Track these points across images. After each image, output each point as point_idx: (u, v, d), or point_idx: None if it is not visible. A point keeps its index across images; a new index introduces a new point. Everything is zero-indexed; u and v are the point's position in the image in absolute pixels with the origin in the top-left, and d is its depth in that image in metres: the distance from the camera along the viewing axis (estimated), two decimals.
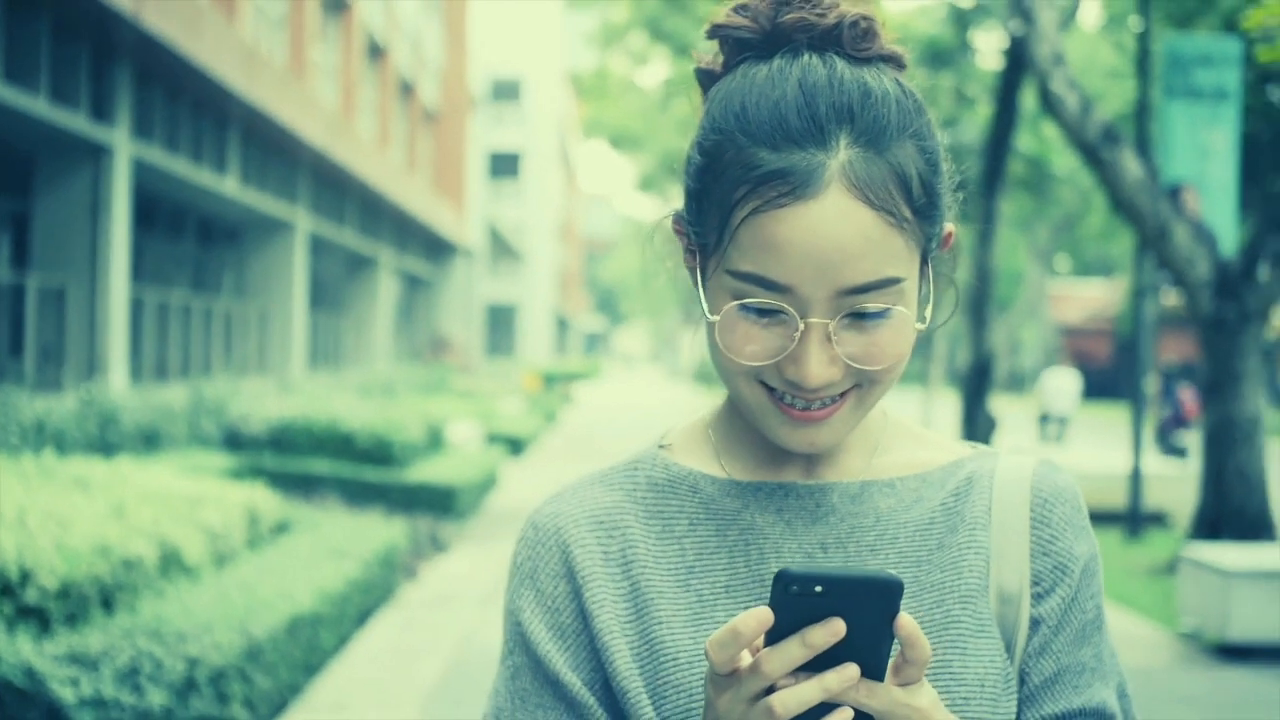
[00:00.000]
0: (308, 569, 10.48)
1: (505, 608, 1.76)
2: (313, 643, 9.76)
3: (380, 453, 17.95)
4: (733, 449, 1.76)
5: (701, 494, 1.74)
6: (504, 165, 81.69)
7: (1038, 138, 34.00)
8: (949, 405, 30.04)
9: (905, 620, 1.37)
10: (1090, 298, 72.33)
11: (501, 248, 75.32)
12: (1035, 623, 1.71)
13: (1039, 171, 38.69)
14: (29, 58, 17.01)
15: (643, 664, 1.66)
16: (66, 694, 7.22)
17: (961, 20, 33.87)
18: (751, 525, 1.70)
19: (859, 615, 1.35)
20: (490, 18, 73.89)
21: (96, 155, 19.16)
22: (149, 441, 16.28)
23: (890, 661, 1.41)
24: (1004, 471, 1.77)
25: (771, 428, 1.62)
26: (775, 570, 1.61)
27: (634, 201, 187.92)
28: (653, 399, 67.51)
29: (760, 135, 1.54)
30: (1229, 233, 16.83)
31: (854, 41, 1.61)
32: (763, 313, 1.55)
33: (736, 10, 1.66)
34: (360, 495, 17.02)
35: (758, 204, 1.52)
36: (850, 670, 1.37)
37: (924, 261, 1.62)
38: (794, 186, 1.51)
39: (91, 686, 7.31)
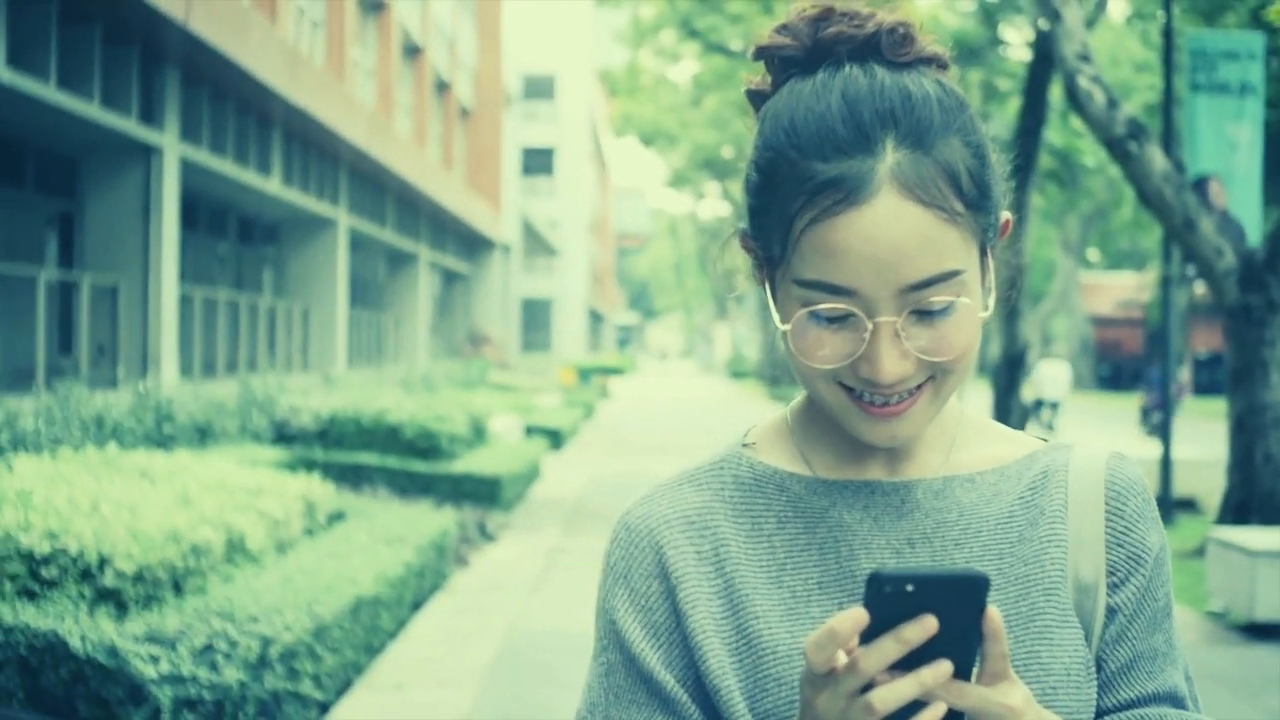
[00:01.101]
0: (366, 555, 10.88)
1: (599, 606, 1.80)
2: (373, 624, 10.17)
3: (426, 445, 18.29)
4: (815, 446, 1.80)
5: (788, 492, 1.77)
6: (537, 161, 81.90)
7: (1067, 130, 34.20)
8: (981, 397, 30.28)
9: (994, 614, 1.42)
10: (1121, 288, 72.31)
11: (536, 243, 75.54)
12: (1111, 611, 1.75)
13: (1068, 164, 38.88)
14: (82, 63, 17.45)
15: (740, 659, 1.69)
16: (148, 670, 7.62)
17: (990, 15, 34.11)
18: (840, 523, 1.74)
19: (948, 612, 1.39)
20: (523, 15, 74.10)
21: (146, 156, 19.57)
22: (202, 435, 16.64)
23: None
24: (1078, 464, 1.80)
25: (854, 425, 1.66)
26: (866, 566, 1.71)
27: (666, 196, 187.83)
28: (687, 393, 67.67)
29: (810, 148, 1.59)
30: (1254, 224, 17.08)
31: (893, 48, 1.66)
32: (832, 318, 1.60)
33: (778, 31, 1.72)
34: (408, 486, 17.39)
35: (815, 214, 1.57)
36: (944, 666, 1.40)
37: (983, 252, 1.66)
38: (847, 193, 1.55)
39: (170, 664, 7.72)
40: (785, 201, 1.61)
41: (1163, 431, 19.21)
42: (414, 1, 40.37)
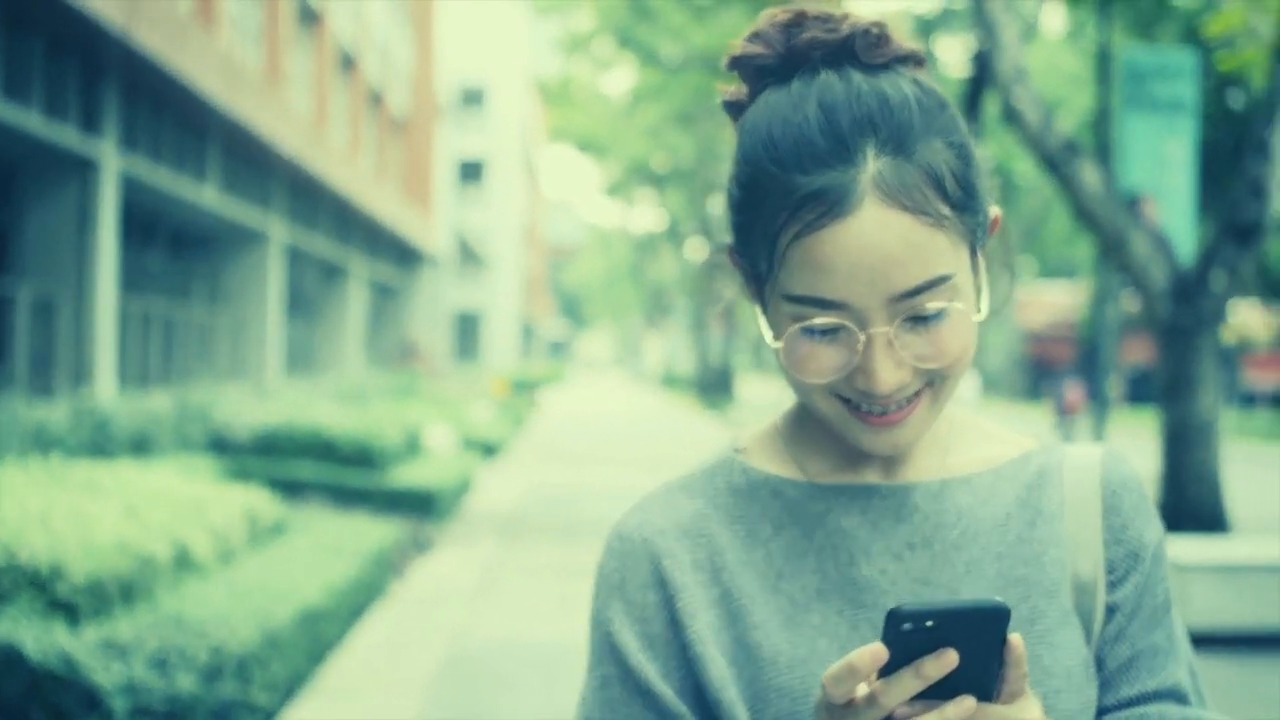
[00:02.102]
0: (310, 566, 11.01)
1: (592, 618, 1.77)
2: (319, 634, 10.29)
3: (362, 457, 18.37)
4: (809, 452, 1.79)
5: (784, 498, 1.75)
6: (470, 172, 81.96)
7: (1000, 145, 34.57)
8: None
9: (1017, 642, 1.41)
10: (1054, 302, 72.92)
11: (468, 254, 75.66)
12: (1111, 609, 1.74)
13: (1003, 178, 39.28)
14: (22, 74, 17.46)
15: (740, 669, 1.67)
16: (103, 679, 7.73)
17: (926, 30, 34.44)
18: (838, 528, 1.72)
19: (969, 643, 1.38)
20: (456, 24, 74.18)
21: (85, 168, 19.57)
22: (139, 447, 16.68)
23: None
24: (1072, 462, 1.80)
25: (854, 435, 1.65)
26: (865, 571, 1.70)
27: (598, 208, 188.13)
28: (619, 404, 67.91)
29: (790, 162, 1.57)
30: (1187, 240, 17.37)
31: (868, 50, 1.63)
32: (824, 331, 1.58)
33: (750, 39, 1.69)
34: (344, 499, 17.43)
35: (799, 228, 1.55)
36: (968, 702, 1.40)
37: (973, 253, 1.65)
38: (830, 206, 1.53)
39: (124, 672, 7.83)
40: (769, 217, 1.59)
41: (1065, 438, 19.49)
42: (349, 12, 40.40)
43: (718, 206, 65.62)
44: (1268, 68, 15.96)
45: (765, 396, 73.77)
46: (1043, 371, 69.30)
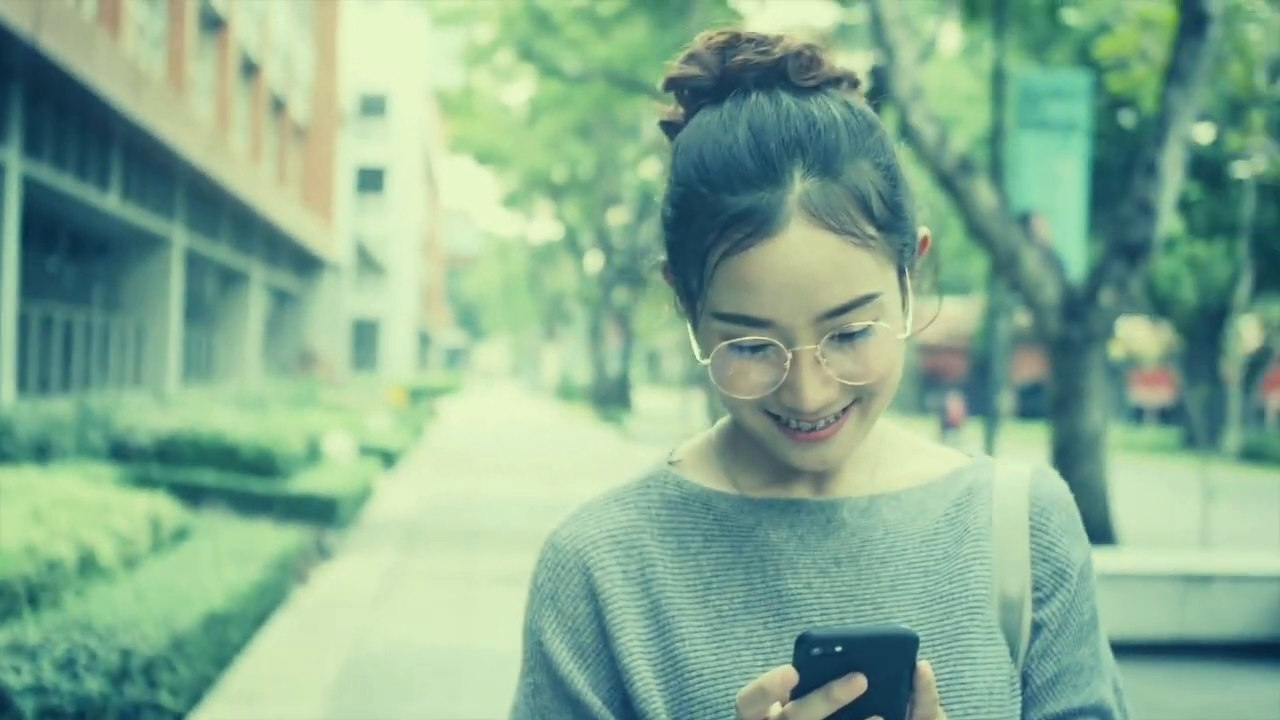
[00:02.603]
0: (214, 571, 11.12)
1: (525, 627, 1.79)
2: (224, 638, 10.42)
3: (264, 464, 18.42)
4: (742, 465, 1.80)
5: (715, 511, 1.77)
6: (370, 180, 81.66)
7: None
8: None
9: (925, 670, 1.44)
10: (947, 316, 73.46)
11: (366, 262, 75.45)
12: (1037, 627, 1.76)
13: None
14: None
15: (667, 680, 1.69)
16: (11, 680, 7.86)
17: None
18: (766, 541, 1.74)
19: (878, 669, 1.41)
20: (358, 33, 74.02)
21: None
22: (41, 452, 16.67)
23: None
24: (1002, 480, 1.81)
25: (782, 451, 1.67)
26: (792, 585, 1.72)
27: (496, 218, 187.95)
28: (516, 414, 67.95)
29: (720, 182, 1.59)
30: (1077, 257, 17.73)
31: (799, 73, 1.65)
32: (752, 349, 1.60)
33: (686, 61, 1.71)
34: (246, 505, 17.38)
35: (727, 248, 1.57)
36: None
37: (901, 272, 1.66)
38: (757, 226, 1.56)
39: (33, 674, 7.95)
40: (698, 236, 1.62)
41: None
42: (252, 19, 40.32)
43: (616, 219, 65.88)
44: (1157, 90, 16.32)
45: (663, 408, 74.06)
46: (932, 384, 69.96)
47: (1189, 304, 50.39)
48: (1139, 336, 60.01)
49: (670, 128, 1.76)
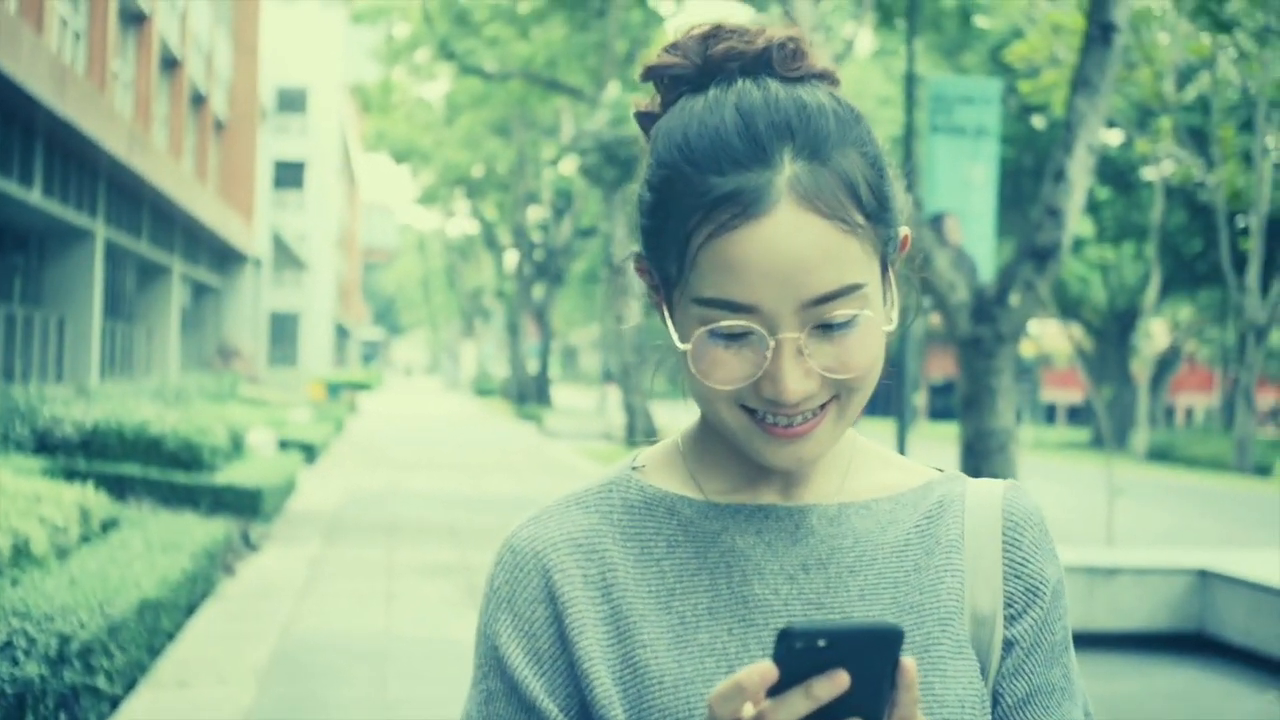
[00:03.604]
0: (145, 561, 11.34)
1: (480, 631, 1.75)
2: (156, 626, 10.66)
3: (188, 456, 18.54)
4: (708, 470, 1.76)
5: (679, 516, 1.73)
6: (288, 175, 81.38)
7: None
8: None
9: (909, 665, 1.38)
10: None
11: (285, 257, 75.24)
12: (1009, 644, 1.72)
13: None
14: None
15: (625, 688, 1.65)
16: None
17: None
18: (732, 547, 1.70)
19: (861, 665, 1.35)
20: (277, 27, 73.82)
21: None
22: None
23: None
24: (974, 495, 1.78)
25: (756, 449, 1.63)
26: (759, 592, 1.67)
27: (415, 212, 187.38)
28: (435, 410, 68.12)
29: (706, 163, 1.55)
30: (988, 259, 18.11)
31: (784, 63, 1.62)
32: (732, 336, 1.55)
33: (667, 50, 1.68)
34: (170, 497, 17.58)
35: (712, 229, 1.53)
36: None
37: (884, 267, 1.63)
38: (745, 207, 1.51)
39: None
40: (681, 218, 1.57)
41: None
42: (173, 14, 40.33)
43: (534, 216, 66.00)
44: (1067, 96, 16.69)
45: (580, 404, 74.30)
46: None
47: (1099, 305, 51.11)
48: (1051, 336, 60.74)
49: (646, 118, 1.73)
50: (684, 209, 1.57)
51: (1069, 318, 51.81)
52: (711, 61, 1.64)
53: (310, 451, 29.96)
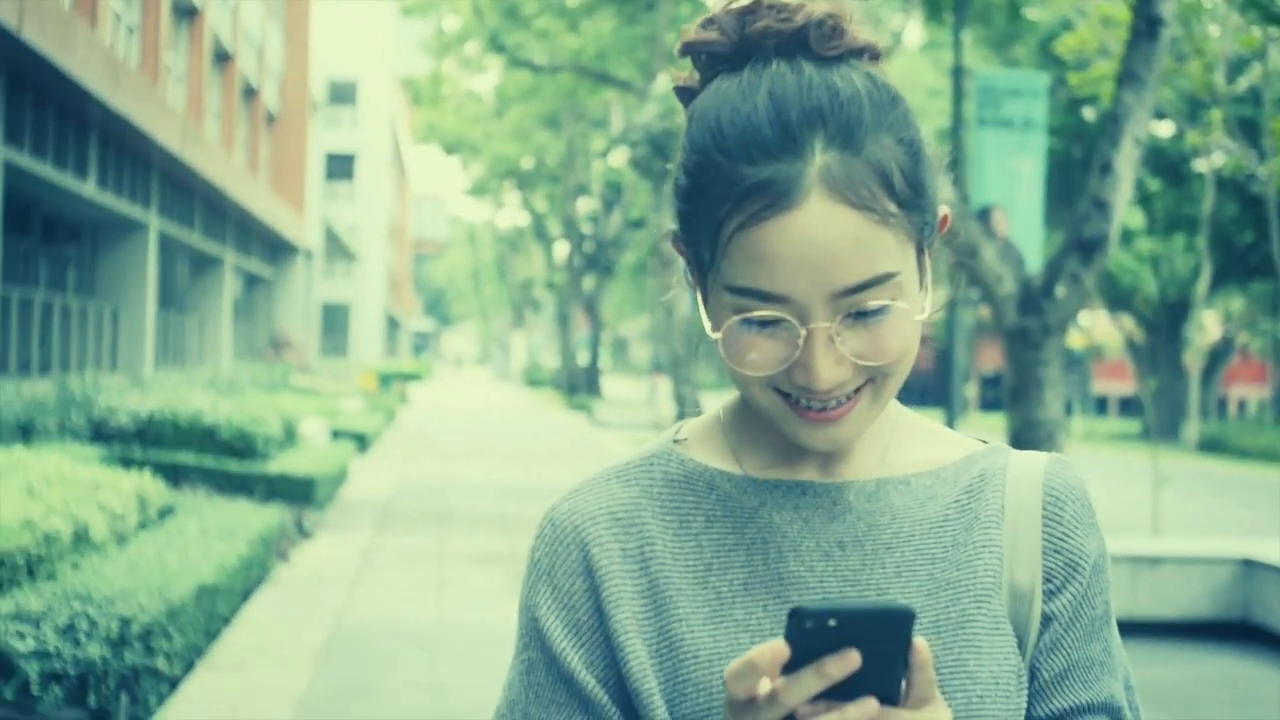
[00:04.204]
0: (202, 547, 11.56)
1: (521, 603, 1.76)
2: (213, 611, 10.87)
3: (243, 445, 18.74)
4: (748, 445, 1.76)
5: (718, 491, 1.73)
6: (339, 166, 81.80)
7: None
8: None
9: (921, 645, 1.38)
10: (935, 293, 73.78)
11: (336, 248, 75.58)
12: (1047, 619, 1.71)
13: None
14: None
15: (662, 660, 1.65)
16: (17, 645, 8.32)
17: None
18: (769, 523, 1.69)
19: (873, 645, 1.36)
20: (328, 20, 74.16)
21: None
22: (24, 433, 17.01)
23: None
24: (1016, 468, 1.77)
25: (792, 430, 1.62)
26: (794, 568, 1.67)
27: (465, 203, 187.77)
28: (485, 400, 68.26)
29: (737, 151, 1.54)
30: (1036, 251, 18.16)
31: (821, 42, 1.59)
32: (764, 324, 1.55)
33: (704, 25, 1.66)
34: (224, 485, 17.83)
35: (742, 219, 1.52)
36: (869, 704, 1.37)
37: (920, 251, 1.61)
38: (775, 198, 1.50)
39: (37, 641, 8.42)
40: (713, 206, 1.56)
41: None
42: (225, 8, 40.61)
43: (584, 208, 66.12)
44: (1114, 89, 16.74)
45: (630, 395, 74.42)
46: None
47: (1151, 297, 50.95)
48: (1103, 328, 60.54)
49: (685, 93, 1.70)
50: (715, 197, 1.56)
51: (1121, 309, 51.68)
52: (748, 39, 1.61)
53: (362, 441, 30.21)
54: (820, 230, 1.49)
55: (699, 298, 1.66)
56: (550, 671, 1.69)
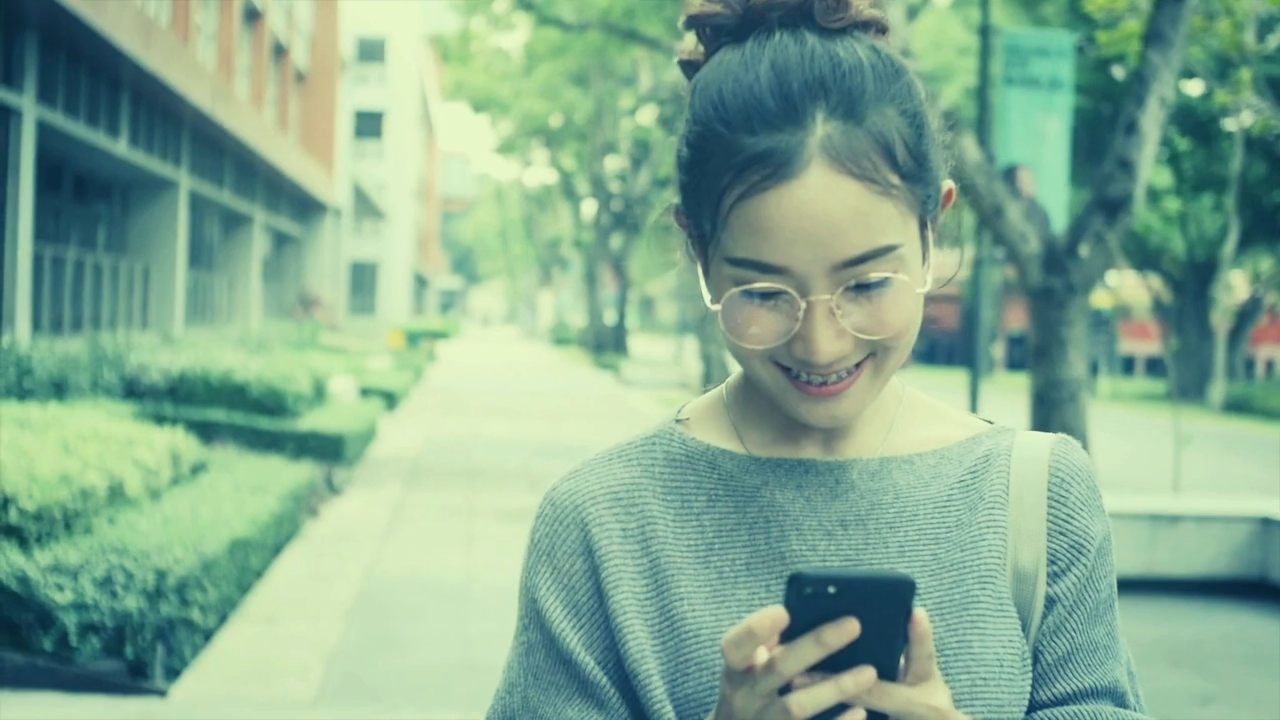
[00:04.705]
0: (234, 502, 11.76)
1: (521, 584, 1.75)
2: (245, 564, 11.06)
3: (273, 402, 18.94)
4: (751, 423, 1.75)
5: (720, 470, 1.72)
6: (367, 125, 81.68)
7: None
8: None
9: (921, 617, 1.37)
10: (939, 264, 73.94)
11: (365, 206, 75.59)
12: (1051, 601, 1.69)
13: None
14: None
15: (664, 640, 1.64)
16: (58, 597, 8.52)
17: None
18: (772, 502, 1.68)
19: (872, 614, 1.34)
20: None
21: (5, 118, 19.93)
22: (58, 389, 17.19)
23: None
24: (1021, 449, 1.76)
25: (792, 405, 1.61)
26: (797, 548, 1.66)
27: (493, 161, 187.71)
28: (512, 358, 68.37)
29: (738, 122, 1.52)
30: (1061, 210, 18.23)
31: (825, 13, 1.57)
32: (764, 296, 1.53)
33: None
34: (255, 442, 18.01)
35: (743, 190, 1.50)
36: (867, 673, 1.35)
37: (923, 225, 1.59)
38: (776, 168, 1.49)
39: (75, 592, 8.62)
40: (714, 177, 1.55)
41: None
42: None
43: (612, 166, 66.15)
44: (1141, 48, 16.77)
45: (657, 354, 74.57)
46: (921, 333, 70.44)
47: (1178, 256, 50.90)
48: (1130, 288, 60.48)
49: (689, 67, 1.69)
50: (717, 168, 1.55)
51: (1148, 269, 51.65)
52: (752, 10, 1.60)
53: (390, 399, 30.39)
54: (821, 201, 1.48)
55: (700, 269, 1.66)
56: (549, 653, 1.68)
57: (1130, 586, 12.70)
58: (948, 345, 69.17)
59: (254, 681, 9.07)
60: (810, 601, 1.33)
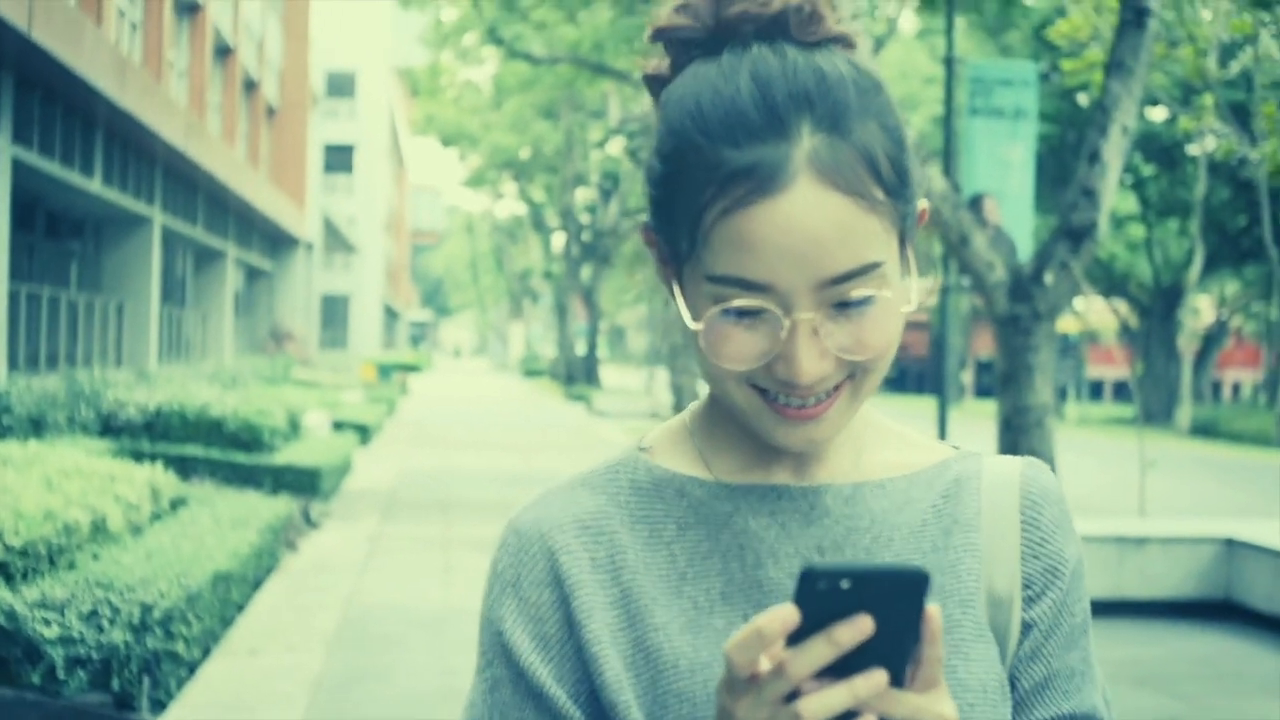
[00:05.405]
0: (215, 537, 11.89)
1: (484, 617, 1.68)
2: (227, 598, 11.21)
3: (249, 437, 19.01)
4: (718, 450, 1.69)
5: (690, 497, 1.66)
6: (338, 158, 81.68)
7: None
8: None
9: (934, 613, 1.30)
10: (913, 289, 74.02)
11: (335, 240, 75.62)
12: (1027, 626, 1.66)
13: None
14: None
15: (638, 673, 1.58)
16: (45, 631, 8.67)
17: None
18: (745, 529, 1.63)
19: (885, 611, 1.28)
20: (326, 12, 74.28)
21: None
22: (36, 427, 17.28)
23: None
24: (991, 473, 1.72)
25: (767, 429, 1.55)
26: (773, 575, 1.60)
27: (463, 193, 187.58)
28: (484, 391, 68.49)
29: (719, 134, 1.46)
30: (1026, 239, 18.44)
31: (801, 27, 1.53)
32: (745, 314, 1.47)
33: (677, 10, 1.58)
34: (232, 477, 18.09)
35: (726, 204, 1.45)
36: (879, 677, 1.28)
37: (902, 243, 1.54)
38: (761, 182, 1.43)
39: (61, 627, 8.77)
40: (693, 192, 1.48)
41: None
42: (226, 2, 40.87)
43: (582, 197, 66.32)
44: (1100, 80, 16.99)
45: (628, 385, 74.64)
46: (895, 362, 70.61)
47: (1144, 281, 51.21)
48: (1098, 313, 60.81)
49: (655, 82, 1.64)
50: (696, 182, 1.48)
51: (1115, 294, 51.94)
52: (724, 24, 1.54)
53: (364, 432, 30.47)
54: (808, 216, 1.43)
55: (675, 290, 1.58)
56: (517, 688, 1.61)
57: (1098, 609, 12.83)
58: (917, 372, 69.34)
59: (239, 713, 9.23)
60: (821, 598, 1.26)
